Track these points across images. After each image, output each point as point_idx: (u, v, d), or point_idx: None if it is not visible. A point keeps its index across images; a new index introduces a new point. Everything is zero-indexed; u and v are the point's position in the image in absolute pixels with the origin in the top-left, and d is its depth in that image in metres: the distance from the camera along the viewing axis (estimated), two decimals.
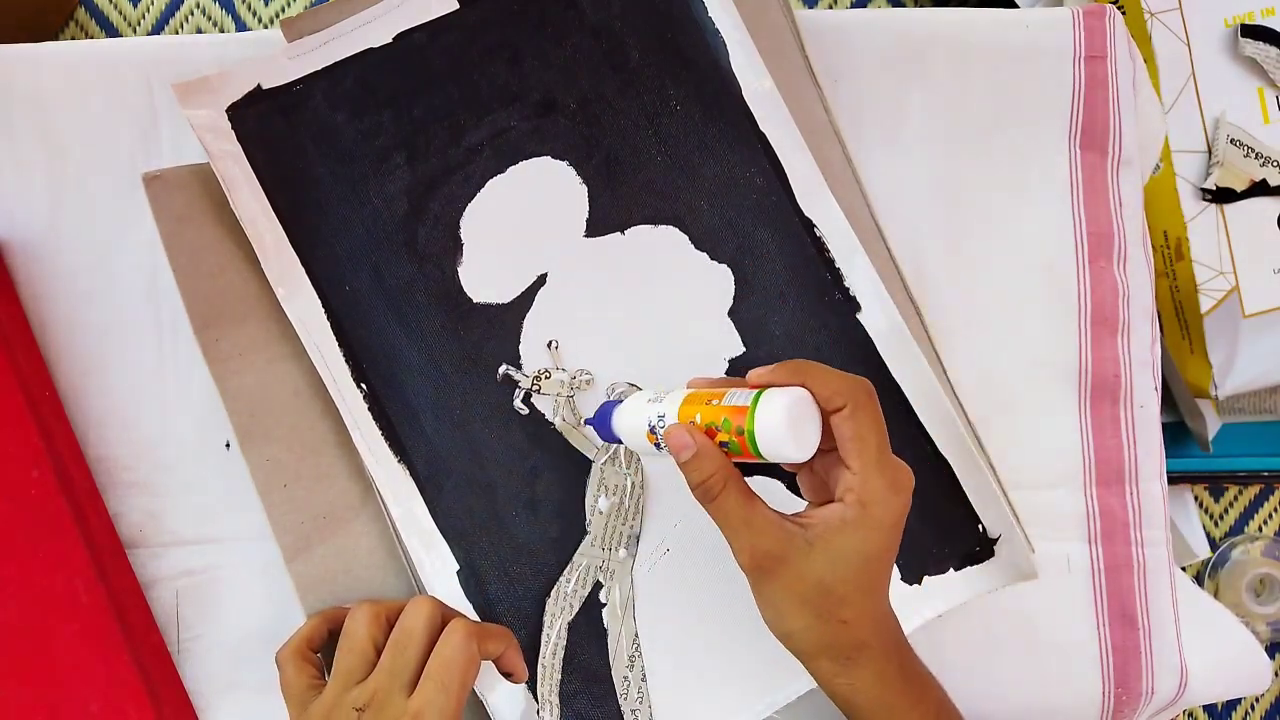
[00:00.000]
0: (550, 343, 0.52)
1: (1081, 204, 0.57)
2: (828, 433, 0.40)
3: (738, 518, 0.40)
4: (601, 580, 0.51)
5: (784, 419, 0.38)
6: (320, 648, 0.47)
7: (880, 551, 0.40)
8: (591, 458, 0.52)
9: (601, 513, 0.52)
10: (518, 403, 0.51)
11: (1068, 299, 0.57)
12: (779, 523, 0.40)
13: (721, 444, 0.40)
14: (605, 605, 0.51)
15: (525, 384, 0.51)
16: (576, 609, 0.51)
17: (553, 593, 0.51)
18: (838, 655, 0.41)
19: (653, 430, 0.42)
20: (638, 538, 0.52)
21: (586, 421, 0.50)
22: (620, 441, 0.45)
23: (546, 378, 0.52)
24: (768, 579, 0.40)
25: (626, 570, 0.51)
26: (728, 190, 0.54)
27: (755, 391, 0.40)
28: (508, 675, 0.46)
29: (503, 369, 0.52)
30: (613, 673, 0.51)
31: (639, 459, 0.52)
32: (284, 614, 0.50)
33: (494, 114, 0.53)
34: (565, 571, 0.51)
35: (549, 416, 0.52)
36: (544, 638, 0.50)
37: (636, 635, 0.51)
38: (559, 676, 0.50)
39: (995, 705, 0.55)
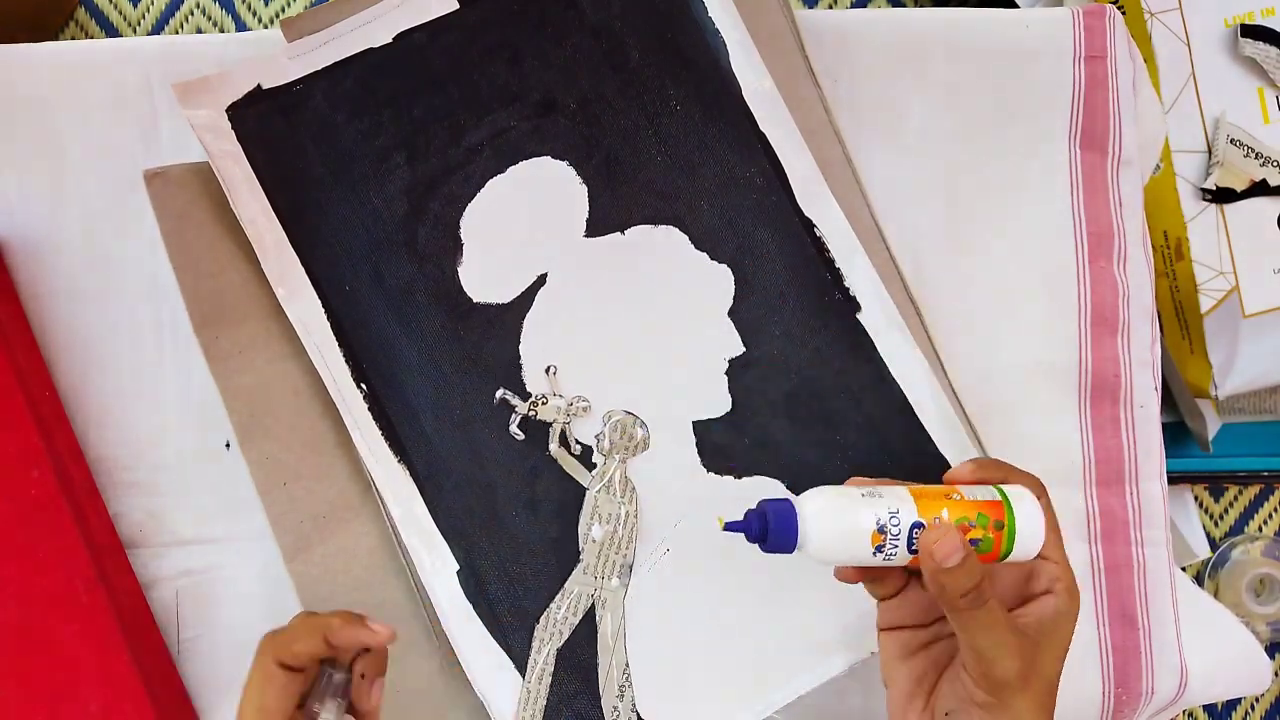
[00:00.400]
0: (549, 368, 0.52)
1: (1081, 204, 0.57)
2: None
3: (1003, 623, 0.38)
4: (595, 607, 0.51)
5: (1038, 514, 0.40)
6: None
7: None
8: (585, 485, 0.52)
9: (595, 541, 0.51)
10: (514, 428, 0.51)
11: (1068, 299, 0.57)
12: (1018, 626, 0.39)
13: (972, 541, 0.38)
14: (599, 631, 0.51)
15: (522, 409, 0.51)
16: (566, 635, 0.50)
17: (542, 619, 0.50)
18: None
19: (881, 530, 0.38)
20: (630, 567, 0.51)
21: (729, 526, 0.40)
22: (794, 550, 0.39)
23: (543, 403, 0.51)
24: (1024, 688, 0.38)
25: (619, 600, 0.51)
26: (728, 190, 0.54)
27: (993, 487, 0.40)
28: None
29: (499, 393, 0.51)
30: (602, 703, 0.50)
31: (633, 487, 0.52)
32: (284, 614, 0.50)
33: (494, 114, 0.53)
34: (556, 598, 0.51)
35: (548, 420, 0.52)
36: (530, 662, 0.50)
37: (628, 665, 0.51)
38: (543, 702, 0.50)
39: None
